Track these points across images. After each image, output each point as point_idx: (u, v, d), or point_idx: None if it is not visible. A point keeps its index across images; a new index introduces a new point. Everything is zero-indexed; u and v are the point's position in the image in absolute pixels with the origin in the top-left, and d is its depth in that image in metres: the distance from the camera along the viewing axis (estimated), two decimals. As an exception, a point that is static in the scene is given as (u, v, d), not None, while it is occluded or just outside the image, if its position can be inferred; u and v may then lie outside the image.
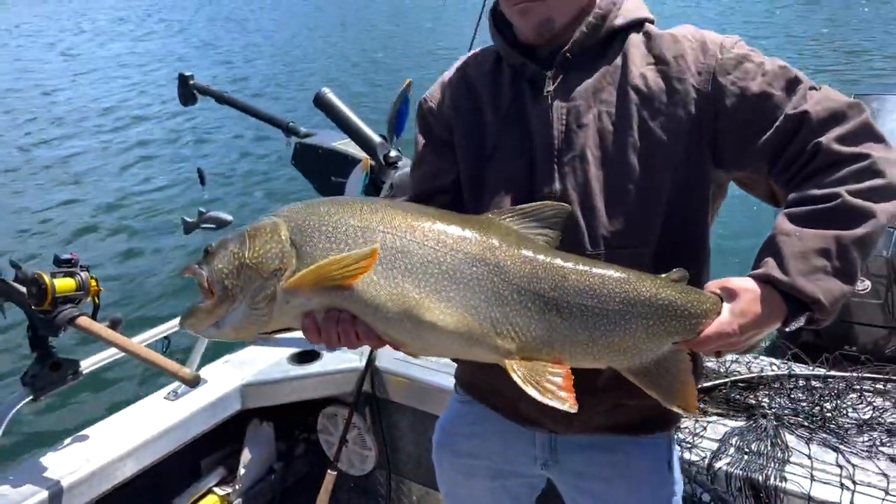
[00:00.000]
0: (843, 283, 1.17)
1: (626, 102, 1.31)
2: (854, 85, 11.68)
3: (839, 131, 1.21)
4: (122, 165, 10.47)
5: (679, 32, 1.35)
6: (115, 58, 22.61)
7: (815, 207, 1.18)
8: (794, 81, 1.26)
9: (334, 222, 1.19)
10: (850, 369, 2.28)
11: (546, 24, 1.33)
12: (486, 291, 1.19)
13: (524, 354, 1.20)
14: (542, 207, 1.27)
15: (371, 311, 1.17)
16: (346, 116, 2.79)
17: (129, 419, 2.39)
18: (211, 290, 1.22)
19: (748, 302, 1.17)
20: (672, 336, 1.22)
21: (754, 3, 27.07)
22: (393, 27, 25.89)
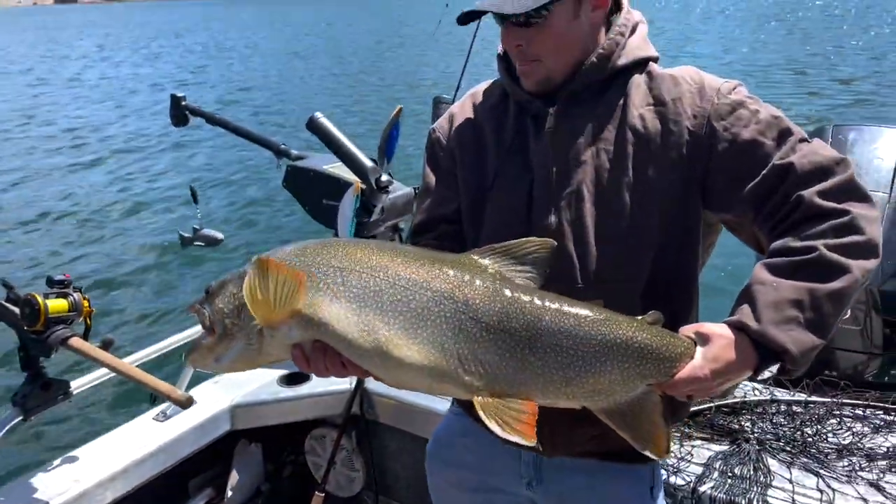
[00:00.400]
0: (814, 336, 1.18)
1: (623, 142, 1.35)
2: (838, 112, 11.94)
3: (823, 186, 1.24)
4: (115, 186, 10.49)
5: (680, 74, 1.39)
6: (106, 80, 22.67)
7: (793, 259, 1.21)
8: (785, 132, 1.30)
9: (318, 263, 1.25)
10: (830, 394, 2.33)
11: (545, 82, 1.39)
12: (453, 329, 1.21)
13: (494, 391, 1.22)
14: (526, 244, 1.29)
15: (344, 346, 1.21)
16: (338, 141, 2.82)
17: (118, 440, 2.39)
18: (213, 329, 1.29)
19: (721, 348, 1.20)
20: (646, 378, 1.24)
21: (745, 35, 27.51)
22: (386, 54, 26.07)
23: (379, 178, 2.78)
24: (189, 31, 48.24)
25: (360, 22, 49.78)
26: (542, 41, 1.35)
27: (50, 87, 22.09)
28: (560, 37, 1.35)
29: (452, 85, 2.97)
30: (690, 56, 19.31)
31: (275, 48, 34.22)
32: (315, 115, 2.88)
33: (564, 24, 1.34)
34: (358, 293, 1.22)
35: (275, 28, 50.17)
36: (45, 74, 26.49)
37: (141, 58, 32.20)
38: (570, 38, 1.36)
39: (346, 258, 1.25)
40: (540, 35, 1.34)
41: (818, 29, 27.08)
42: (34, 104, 18.95)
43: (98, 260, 7.56)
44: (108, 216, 9.10)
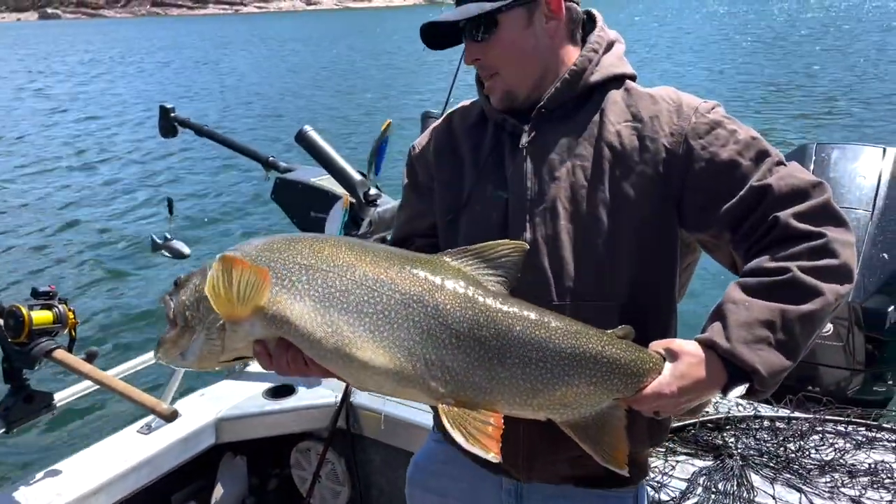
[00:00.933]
0: (784, 358, 1.18)
1: (599, 158, 1.35)
2: (820, 131, 12.09)
3: (799, 208, 1.24)
4: (102, 197, 10.45)
5: (658, 93, 1.39)
6: (92, 94, 22.57)
7: (766, 279, 1.21)
8: (762, 154, 1.30)
9: (283, 259, 1.23)
10: (812, 410, 2.35)
11: (508, 97, 1.41)
12: (420, 333, 1.19)
13: (459, 399, 1.20)
14: (498, 247, 1.28)
15: (307, 345, 1.20)
16: (327, 154, 2.84)
17: (102, 453, 2.37)
18: (175, 321, 1.28)
19: (689, 365, 1.20)
20: (613, 393, 1.23)
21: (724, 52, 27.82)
22: (375, 69, 26.14)
23: (367, 192, 2.80)
24: (177, 46, 48.21)
25: (349, 36, 49.95)
26: (495, 53, 1.38)
27: (36, 100, 21.98)
28: (512, 47, 1.37)
29: (441, 100, 2.99)
30: (669, 73, 19.47)
31: (262, 62, 34.29)
32: (304, 128, 2.90)
33: (516, 35, 1.37)
34: (323, 292, 1.20)
35: (262, 42, 50.25)
36: (30, 87, 26.39)
37: (128, 71, 32.18)
38: (523, 49, 1.38)
39: (312, 255, 1.23)
40: (493, 47, 1.37)
41: (798, 48, 27.43)
42: (19, 116, 18.86)
43: (84, 271, 7.52)
44: (95, 227, 9.05)
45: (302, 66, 30.89)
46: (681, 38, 34.35)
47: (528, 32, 1.37)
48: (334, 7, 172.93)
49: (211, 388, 2.74)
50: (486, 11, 1.34)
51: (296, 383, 2.71)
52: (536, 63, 1.39)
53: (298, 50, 42.43)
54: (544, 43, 1.39)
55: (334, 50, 38.90)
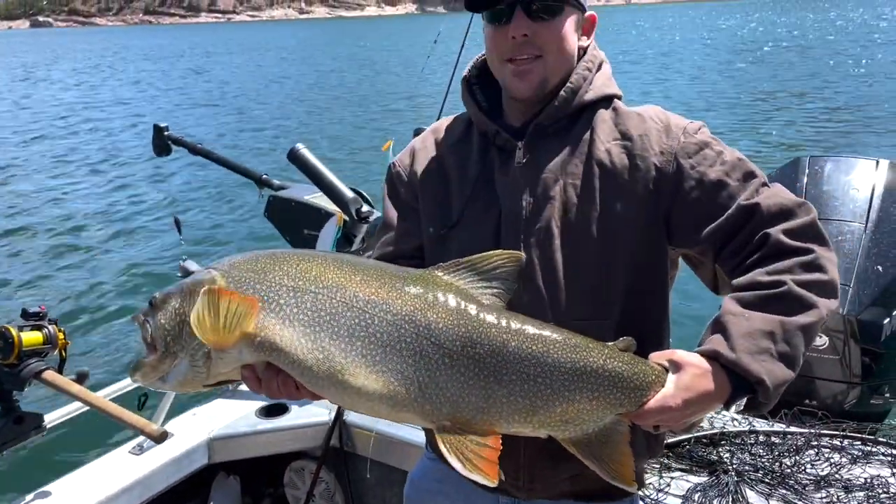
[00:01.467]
0: (786, 368, 1.18)
1: (590, 176, 1.36)
2: (813, 143, 12.13)
3: (788, 225, 1.26)
4: (93, 216, 10.41)
5: (645, 112, 1.41)
6: (84, 107, 22.63)
7: (763, 293, 1.21)
8: (749, 174, 1.33)
9: (269, 280, 1.19)
10: (808, 425, 2.33)
11: (542, 85, 1.39)
12: (413, 356, 1.16)
13: (456, 420, 1.17)
14: (493, 258, 1.26)
15: (298, 373, 1.17)
16: (319, 172, 2.85)
17: (93, 474, 2.35)
18: (154, 346, 1.23)
19: (694, 377, 1.18)
20: (616, 408, 1.20)
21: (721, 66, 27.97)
22: (368, 81, 26.25)
23: (360, 209, 2.80)
24: (172, 56, 48.34)
25: (341, 46, 50.17)
26: (551, 35, 1.36)
27: (26, 112, 22.01)
28: (565, 38, 1.38)
29: (433, 113, 3.00)
30: (662, 91, 19.55)
31: (256, 72, 34.42)
32: (296, 146, 2.91)
33: (570, 29, 1.39)
34: (312, 317, 1.16)
35: (256, 53, 50.46)
36: (20, 98, 26.46)
37: (119, 82, 32.27)
38: (570, 45, 1.40)
39: (299, 277, 1.19)
40: (550, 29, 1.36)
41: (792, 61, 27.60)
42: (12, 128, 18.90)
43: (75, 291, 7.46)
44: (85, 246, 9.01)
45: (295, 76, 31.01)
46: (678, 52, 34.57)
47: (573, 35, 1.40)
48: (327, 16, 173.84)
49: (203, 407, 2.73)
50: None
51: (289, 402, 2.69)
52: (569, 65, 1.41)
53: (292, 59, 42.67)
54: (575, 55, 1.42)
55: (327, 60, 39.05)
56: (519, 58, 1.37)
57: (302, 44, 63.04)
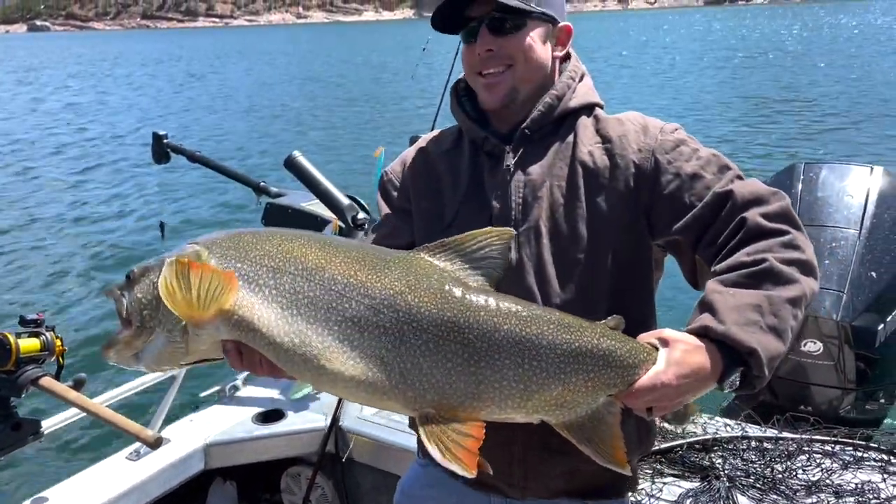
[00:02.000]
0: (776, 340, 1.18)
1: (574, 177, 1.41)
2: (807, 150, 12.15)
3: (764, 209, 1.29)
4: (91, 223, 10.41)
5: (624, 116, 1.48)
6: (83, 113, 22.66)
7: (745, 270, 1.23)
8: (724, 167, 1.37)
9: (251, 259, 1.17)
10: (801, 430, 2.35)
11: (511, 93, 1.44)
12: (393, 341, 1.12)
13: (442, 406, 1.13)
14: (480, 236, 1.24)
15: (274, 355, 1.14)
16: (315, 179, 2.87)
17: (90, 480, 2.36)
18: (129, 321, 1.20)
19: (684, 352, 1.17)
20: (608, 388, 1.18)
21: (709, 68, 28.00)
22: (367, 93, 26.29)
23: (356, 216, 2.82)
24: (169, 60, 48.39)
25: (339, 51, 50.27)
26: (515, 47, 1.41)
27: (24, 118, 22.04)
28: (532, 49, 1.43)
29: (429, 118, 3.02)
30: (652, 100, 19.56)
31: (254, 76, 34.47)
32: (293, 153, 2.93)
33: (536, 40, 1.43)
34: (290, 298, 1.14)
35: (255, 57, 50.56)
36: (17, 104, 26.50)
37: (117, 87, 32.31)
38: (538, 55, 1.44)
39: (279, 256, 1.17)
40: (513, 42, 1.41)
41: (786, 67, 27.66)
42: (6, 135, 18.94)
43: (73, 298, 7.47)
44: (83, 254, 9.02)
45: (292, 83, 31.06)
46: (676, 57, 34.63)
47: (543, 46, 1.45)
48: (324, 21, 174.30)
49: (200, 413, 2.74)
50: (522, 9, 1.40)
51: (285, 408, 2.71)
52: (541, 75, 1.46)
53: (289, 65, 42.73)
54: (548, 64, 1.47)
55: (324, 66, 39.09)
56: (486, 71, 1.44)
57: (299, 49, 63.08)
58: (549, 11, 1.45)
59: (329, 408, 2.64)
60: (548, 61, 1.47)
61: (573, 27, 1.51)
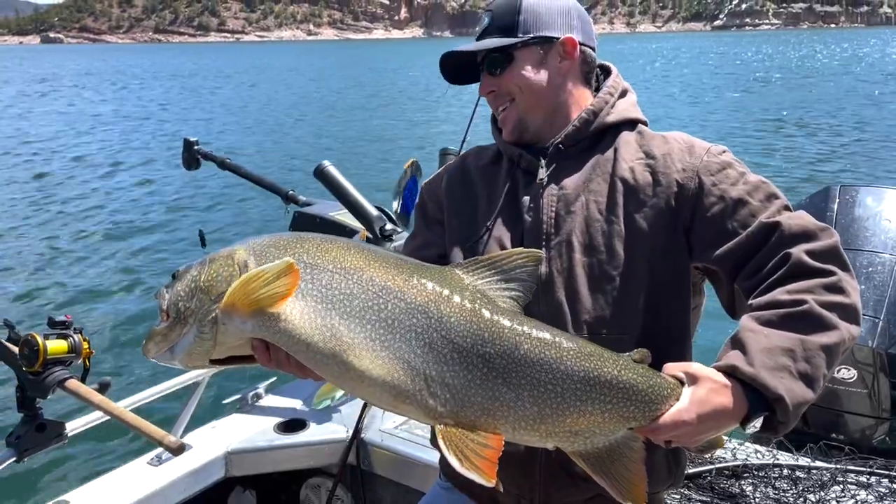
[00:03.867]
0: (805, 388, 1.15)
1: (613, 193, 1.38)
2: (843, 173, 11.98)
3: (811, 246, 1.24)
4: (122, 227, 10.56)
5: (670, 135, 1.45)
6: (116, 121, 23.03)
7: (782, 311, 1.19)
8: (771, 196, 1.33)
9: (290, 255, 1.18)
10: (834, 460, 2.28)
11: (520, 126, 1.46)
12: (422, 346, 1.14)
13: (459, 419, 1.14)
14: (512, 256, 1.25)
15: (302, 348, 1.14)
16: (344, 189, 2.86)
17: (111, 484, 2.36)
18: (167, 313, 1.23)
19: (709, 391, 1.15)
20: (628, 421, 1.17)
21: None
22: (393, 103, 26.45)
23: (383, 227, 2.81)
24: (190, 74, 49.11)
25: (356, 67, 50.74)
26: (510, 80, 1.44)
27: (53, 126, 22.43)
28: (527, 78, 1.44)
29: (458, 136, 3.01)
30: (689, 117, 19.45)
31: (274, 91, 34.89)
32: (322, 163, 2.93)
33: (530, 67, 1.44)
34: (325, 294, 1.15)
35: (273, 72, 51.16)
36: (48, 111, 27.00)
37: (140, 97, 32.82)
38: (538, 82, 1.44)
39: (318, 255, 1.19)
40: (508, 76, 1.44)
41: (821, 88, 27.36)
42: (40, 141, 19.28)
43: (101, 301, 7.55)
44: (112, 258, 9.14)
45: (313, 96, 31.37)
46: (698, 82, 34.42)
47: (541, 69, 1.45)
48: (335, 38, 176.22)
49: (222, 420, 2.74)
50: (502, 46, 1.43)
51: (307, 418, 2.69)
52: (548, 97, 1.45)
53: (315, 79, 43.19)
54: (557, 81, 1.46)
55: (348, 82, 39.44)
56: (498, 109, 1.49)
57: (314, 64, 63.76)
58: (539, 34, 1.44)
59: (351, 419, 2.62)
60: (552, 82, 1.46)
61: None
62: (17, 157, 16.69)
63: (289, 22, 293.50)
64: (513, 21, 1.45)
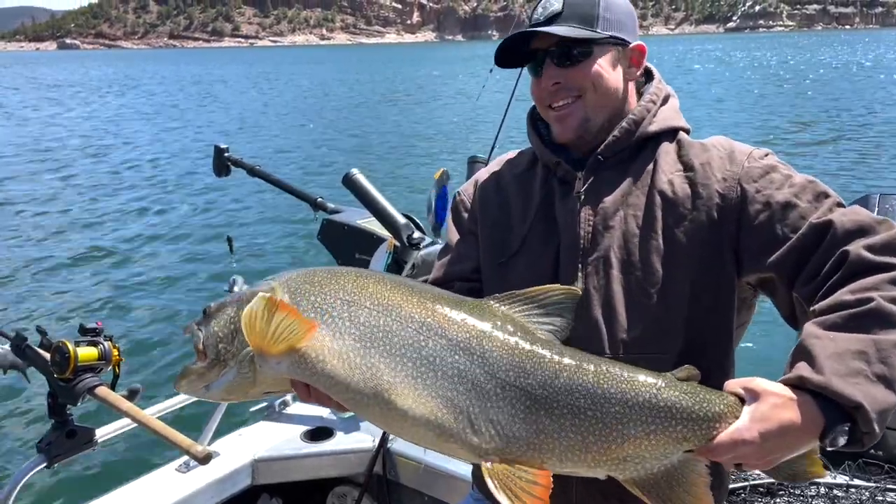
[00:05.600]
0: (886, 391, 1.04)
1: (652, 207, 1.33)
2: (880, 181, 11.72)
3: (869, 241, 1.16)
4: (153, 236, 10.66)
5: (709, 142, 1.39)
6: (145, 130, 23.38)
7: (848, 312, 1.10)
8: (821, 194, 1.26)
9: (325, 293, 1.17)
10: (874, 478, 2.21)
11: (583, 124, 1.39)
12: (465, 383, 1.11)
13: (505, 455, 1.11)
14: (550, 291, 1.22)
15: (342, 390, 1.13)
16: (372, 197, 2.86)
17: (140, 490, 2.38)
18: (204, 353, 1.23)
19: (773, 406, 1.06)
20: (681, 443, 1.11)
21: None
22: (422, 111, 26.50)
23: (411, 235, 2.80)
24: (213, 81, 49.69)
25: (397, 78, 51.03)
26: (583, 77, 1.37)
27: (84, 134, 22.80)
28: (601, 76, 1.37)
29: (488, 144, 2.99)
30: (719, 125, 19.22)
31: (292, 96, 35.20)
32: (351, 171, 2.93)
33: (605, 67, 1.37)
34: (364, 331, 1.13)
35: (289, 77, 51.60)
36: (76, 117, 27.49)
37: (165, 103, 33.28)
38: (609, 82, 1.38)
39: (356, 291, 1.17)
40: (581, 72, 1.36)
41: (856, 94, 26.88)
42: (72, 147, 19.62)
43: (131, 308, 7.63)
44: (141, 264, 9.24)
45: (343, 103, 31.58)
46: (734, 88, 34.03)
47: (613, 71, 1.39)
48: (347, 42, 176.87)
49: (249, 428, 2.75)
50: (587, 38, 1.35)
51: (334, 426, 2.69)
52: (615, 101, 1.40)
53: (335, 84, 43.48)
54: (622, 86, 1.41)
55: (370, 88, 39.64)
56: (556, 104, 1.39)
57: (341, 70, 64.17)
58: (618, 34, 1.38)
59: (378, 429, 2.61)
60: (619, 86, 1.40)
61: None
62: (45, 164, 17.00)
63: (302, 27, 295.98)
64: (593, 13, 1.37)
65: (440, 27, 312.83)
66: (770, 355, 3.91)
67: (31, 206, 12.64)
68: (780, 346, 1.97)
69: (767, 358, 3.95)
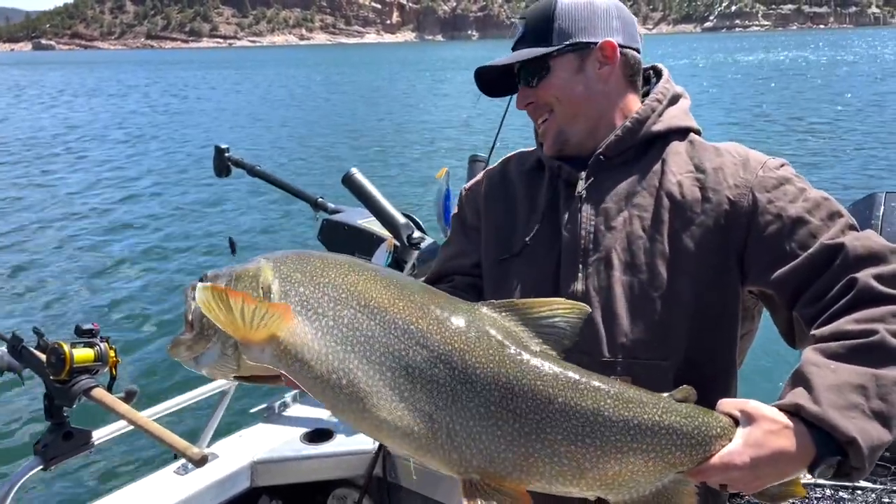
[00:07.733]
0: (882, 429, 1.03)
1: (659, 209, 1.30)
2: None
3: (877, 270, 1.14)
4: (151, 236, 10.66)
5: (723, 147, 1.36)
6: (145, 128, 23.39)
7: (851, 342, 1.08)
8: (834, 214, 1.23)
9: (315, 285, 1.12)
10: (880, 480, 2.18)
11: (559, 137, 1.39)
12: (444, 399, 1.05)
13: (489, 475, 1.06)
14: (553, 305, 1.14)
15: (318, 392, 1.08)
16: (372, 197, 2.85)
17: (138, 493, 2.36)
18: (191, 325, 1.20)
19: (767, 433, 1.04)
20: (674, 466, 1.08)
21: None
22: (421, 110, 26.51)
23: (411, 235, 2.78)
24: (202, 84, 49.74)
25: (396, 79, 51.07)
26: (547, 91, 1.38)
27: (77, 134, 22.78)
28: (564, 88, 1.37)
29: (488, 143, 2.97)
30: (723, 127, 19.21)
31: (303, 102, 35.24)
32: (351, 170, 2.92)
33: (568, 76, 1.37)
34: (346, 334, 1.08)
35: (283, 77, 51.70)
36: (71, 118, 27.48)
37: (159, 104, 33.28)
38: (576, 90, 1.37)
39: (344, 288, 1.12)
40: (545, 87, 1.38)
41: (863, 93, 26.86)
42: (67, 148, 19.62)
43: (128, 309, 7.61)
44: (139, 265, 9.22)
45: (340, 104, 31.58)
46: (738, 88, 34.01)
47: (579, 77, 1.37)
48: (327, 42, 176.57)
49: (248, 430, 2.73)
50: (537, 56, 1.36)
51: (334, 428, 2.67)
52: (589, 106, 1.38)
53: (332, 85, 43.48)
54: (597, 88, 1.38)
55: (382, 92, 39.68)
56: (538, 121, 1.42)
57: (325, 71, 64.16)
58: (578, 39, 1.36)
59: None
60: (592, 90, 1.37)
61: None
62: (45, 164, 17.01)
63: (281, 27, 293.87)
64: (547, 28, 1.37)
65: (420, 27, 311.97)
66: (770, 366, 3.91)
67: (31, 207, 12.63)
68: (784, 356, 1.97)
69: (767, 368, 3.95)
